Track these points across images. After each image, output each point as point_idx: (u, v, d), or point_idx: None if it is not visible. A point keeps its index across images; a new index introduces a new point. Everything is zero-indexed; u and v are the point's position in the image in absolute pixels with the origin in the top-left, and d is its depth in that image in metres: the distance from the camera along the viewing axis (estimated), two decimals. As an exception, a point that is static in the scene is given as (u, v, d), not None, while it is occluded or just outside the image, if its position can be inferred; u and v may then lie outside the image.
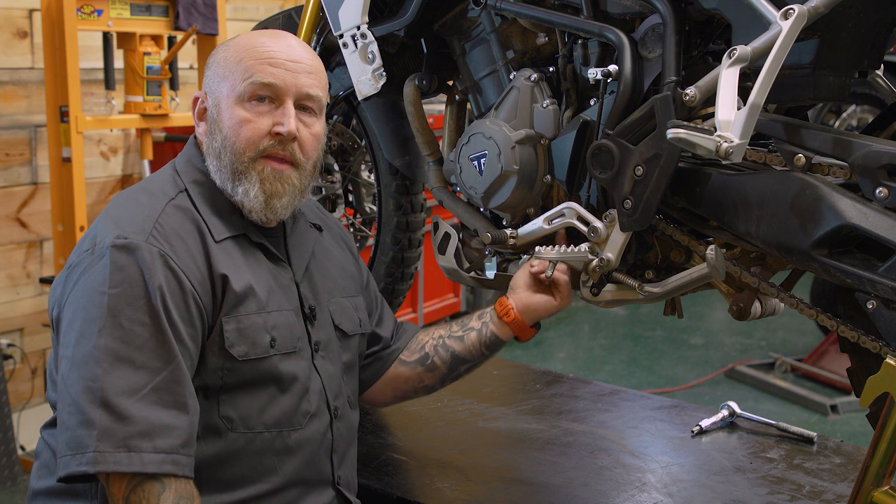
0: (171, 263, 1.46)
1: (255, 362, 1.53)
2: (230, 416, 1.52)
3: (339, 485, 1.67)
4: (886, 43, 1.54)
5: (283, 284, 1.62)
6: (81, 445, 1.38)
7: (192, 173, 1.61)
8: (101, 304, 1.42)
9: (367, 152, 2.42)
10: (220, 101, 1.59)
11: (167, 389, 1.42)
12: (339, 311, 1.74)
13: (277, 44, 1.60)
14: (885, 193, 1.39)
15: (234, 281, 1.52)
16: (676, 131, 1.45)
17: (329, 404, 1.66)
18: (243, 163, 1.56)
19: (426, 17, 1.95)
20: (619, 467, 2.04)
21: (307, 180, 1.63)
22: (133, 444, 1.38)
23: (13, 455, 3.48)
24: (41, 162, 3.90)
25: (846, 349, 1.57)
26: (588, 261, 1.69)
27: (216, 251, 1.53)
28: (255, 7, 4.80)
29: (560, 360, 5.23)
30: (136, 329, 1.42)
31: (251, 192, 1.57)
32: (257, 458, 1.55)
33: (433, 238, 2.04)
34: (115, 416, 1.38)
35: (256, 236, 1.61)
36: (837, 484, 1.97)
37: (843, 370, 2.31)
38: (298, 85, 1.58)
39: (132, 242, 1.45)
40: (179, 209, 1.54)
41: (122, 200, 1.58)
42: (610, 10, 1.70)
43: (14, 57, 3.80)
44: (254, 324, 1.54)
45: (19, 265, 3.90)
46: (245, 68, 1.57)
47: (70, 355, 1.43)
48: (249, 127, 1.56)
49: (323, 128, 1.65)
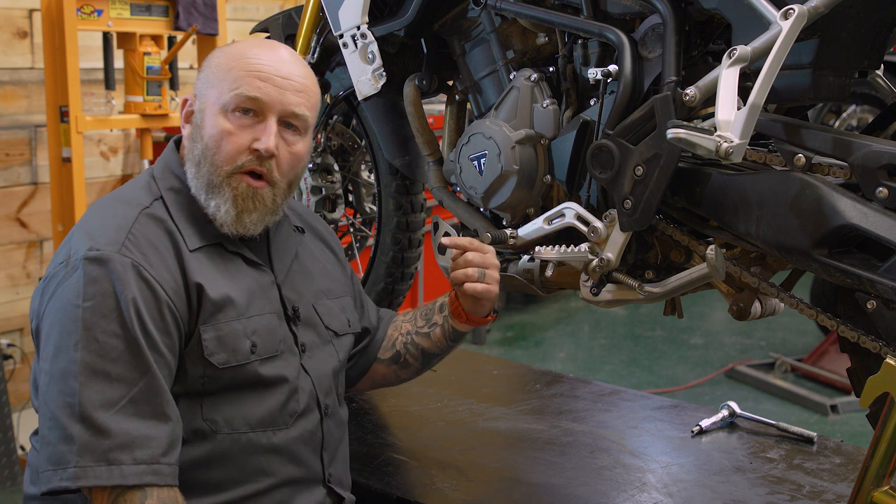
0: (144, 274, 1.46)
1: (236, 368, 1.53)
2: (214, 418, 1.53)
3: (330, 482, 1.67)
4: (886, 43, 1.54)
5: (263, 288, 1.62)
6: (62, 461, 1.40)
7: (169, 180, 1.60)
8: (75, 318, 1.43)
9: (367, 152, 2.43)
10: (206, 107, 1.58)
11: (145, 400, 1.43)
12: (327, 312, 1.73)
13: (270, 57, 1.58)
14: (885, 193, 1.39)
15: (209, 289, 1.52)
16: (676, 131, 1.45)
17: (319, 403, 1.66)
18: (220, 176, 1.55)
19: (426, 17, 1.95)
20: (619, 467, 2.04)
21: (281, 199, 1.60)
22: (113, 457, 1.40)
23: (13, 455, 3.48)
24: (41, 162, 3.90)
25: (846, 349, 1.57)
26: (588, 261, 1.69)
27: (190, 260, 1.53)
28: (255, 7, 4.80)
29: (560, 360, 5.23)
30: (110, 341, 1.43)
31: (223, 207, 1.55)
32: (244, 458, 1.55)
33: (433, 238, 2.04)
34: (93, 430, 1.40)
35: (232, 245, 1.60)
36: (837, 484, 1.97)
37: (843, 370, 2.31)
38: (284, 102, 1.56)
39: (104, 254, 1.45)
40: (153, 218, 1.54)
41: (96, 210, 1.58)
42: (610, 10, 1.70)
43: (14, 57, 3.80)
44: (233, 331, 1.53)
45: (19, 265, 3.90)
46: (234, 78, 1.55)
47: (48, 369, 1.45)
48: (230, 140, 1.54)
49: (306, 148, 1.63)
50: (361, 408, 2.36)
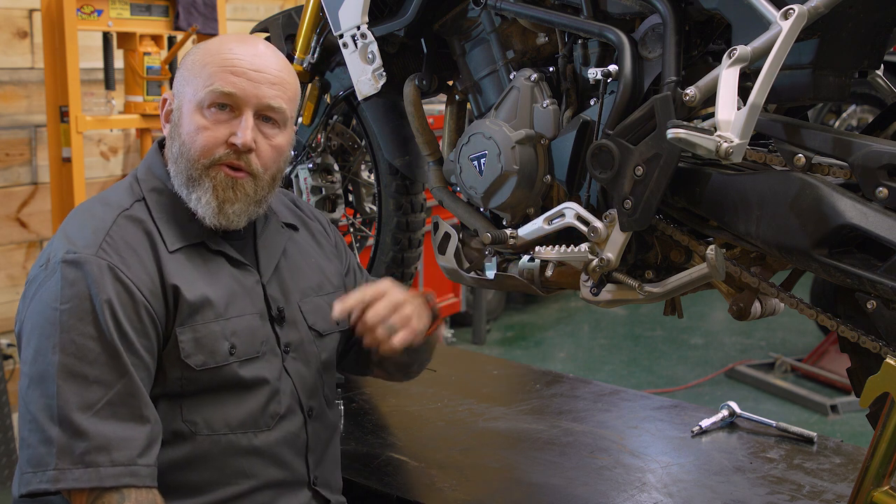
0: (120, 276, 1.46)
1: (215, 370, 1.53)
2: (194, 419, 1.53)
3: (315, 485, 1.66)
4: (886, 43, 1.54)
5: (247, 288, 1.61)
6: (42, 463, 1.40)
7: (151, 181, 1.60)
8: (53, 321, 1.44)
9: (367, 152, 2.43)
10: (183, 104, 1.57)
11: (122, 402, 1.43)
12: (313, 310, 1.71)
13: (245, 51, 1.56)
14: (885, 193, 1.39)
15: (186, 291, 1.51)
16: (676, 131, 1.45)
17: (302, 405, 1.65)
18: (197, 170, 1.54)
19: (426, 17, 1.95)
20: (619, 467, 2.04)
21: (264, 191, 1.59)
22: (90, 459, 1.40)
23: (13, 455, 3.48)
24: (41, 162, 3.90)
25: (846, 349, 1.57)
26: (588, 261, 1.69)
27: (168, 261, 1.52)
28: (255, 7, 4.80)
29: (560, 360, 5.23)
30: (87, 344, 1.43)
31: (203, 198, 1.55)
32: (224, 460, 1.55)
33: (433, 238, 2.04)
34: (71, 432, 1.40)
35: (215, 244, 1.59)
36: (837, 484, 1.97)
37: (843, 370, 2.31)
38: (259, 95, 1.55)
39: (80, 257, 1.46)
40: (132, 220, 1.54)
41: (77, 213, 1.58)
42: (610, 10, 1.70)
43: (14, 57, 3.80)
44: (211, 332, 1.53)
45: (19, 265, 3.90)
46: (208, 74, 1.54)
47: (28, 371, 1.45)
48: (206, 135, 1.54)
49: (287, 140, 1.62)
50: (361, 408, 2.36)
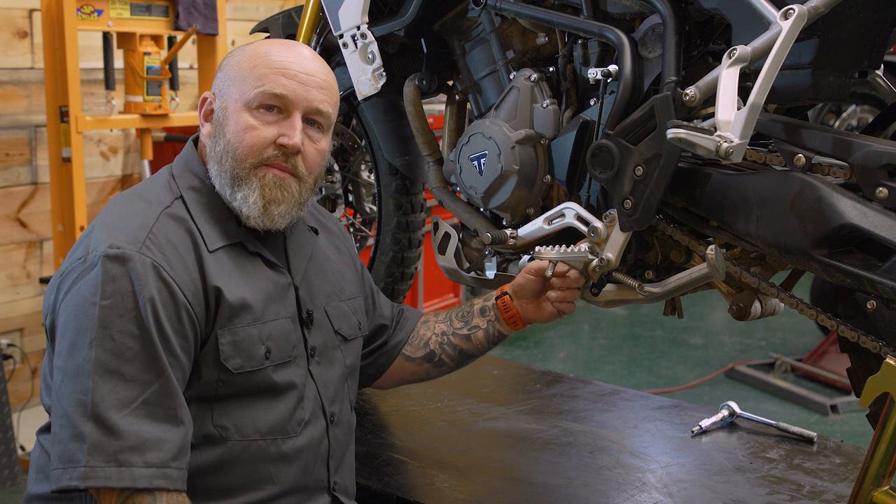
0: (163, 275, 1.45)
1: (250, 374, 1.53)
2: (224, 424, 1.52)
3: (335, 490, 1.67)
4: (886, 43, 1.54)
5: (280, 290, 1.61)
6: (73, 459, 1.39)
7: (189, 179, 1.60)
8: (92, 315, 1.41)
9: (367, 152, 2.43)
10: (229, 104, 1.57)
11: (158, 403, 1.42)
12: (337, 315, 1.72)
13: (293, 55, 1.59)
14: (885, 193, 1.39)
15: (227, 293, 1.51)
16: (676, 131, 1.45)
17: (325, 410, 1.65)
18: (244, 169, 1.55)
19: (426, 17, 1.95)
20: (619, 467, 2.04)
21: (307, 194, 1.61)
22: (123, 458, 1.38)
23: (13, 455, 3.48)
24: (41, 162, 3.90)
25: (846, 349, 1.57)
26: (588, 261, 1.69)
27: (210, 262, 1.52)
28: (255, 7, 4.80)
29: (560, 360, 5.23)
30: (126, 341, 1.41)
31: (250, 198, 1.55)
32: (252, 466, 1.54)
33: (433, 238, 2.04)
34: (105, 429, 1.38)
35: (253, 245, 1.60)
36: (837, 484, 1.97)
37: (843, 370, 2.31)
38: (309, 99, 1.57)
39: (124, 253, 1.44)
40: (174, 218, 1.53)
41: (116, 206, 1.56)
42: (610, 10, 1.70)
43: (14, 57, 3.80)
44: (249, 336, 1.53)
45: (19, 265, 3.90)
46: (258, 76, 1.55)
47: (62, 366, 1.43)
48: (254, 134, 1.54)
49: (329, 145, 1.64)
50: (361, 408, 2.36)
